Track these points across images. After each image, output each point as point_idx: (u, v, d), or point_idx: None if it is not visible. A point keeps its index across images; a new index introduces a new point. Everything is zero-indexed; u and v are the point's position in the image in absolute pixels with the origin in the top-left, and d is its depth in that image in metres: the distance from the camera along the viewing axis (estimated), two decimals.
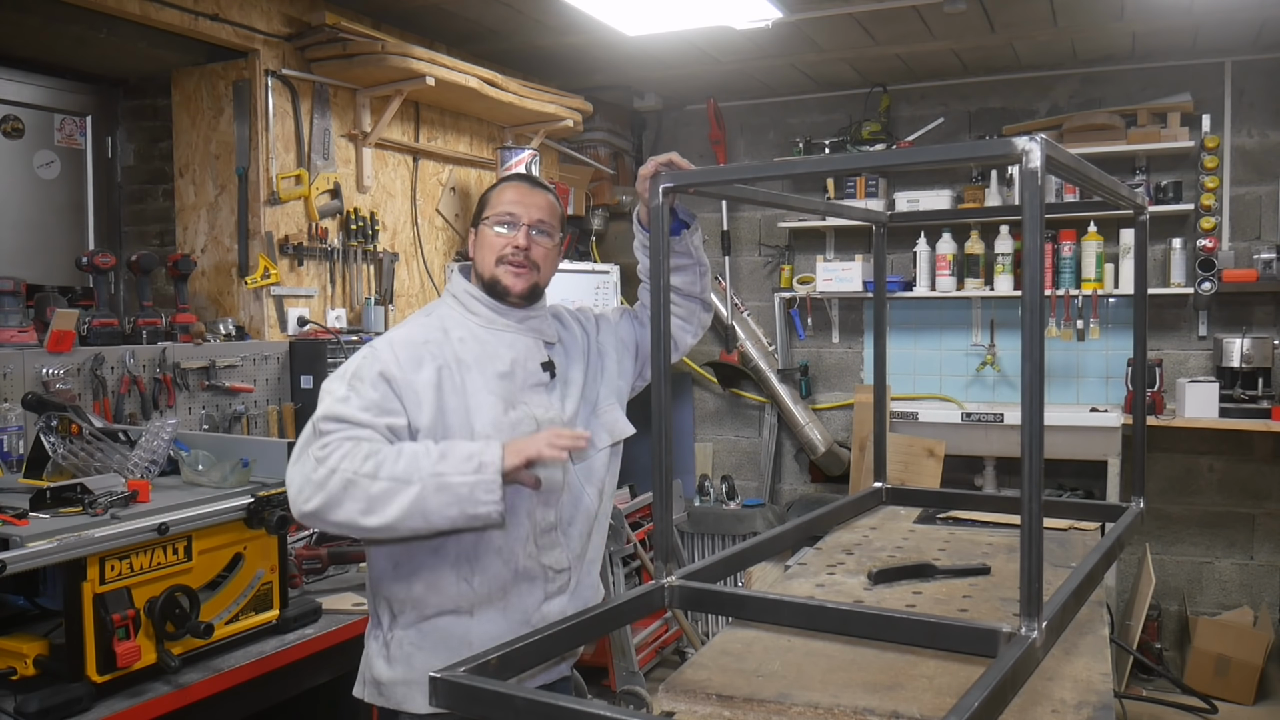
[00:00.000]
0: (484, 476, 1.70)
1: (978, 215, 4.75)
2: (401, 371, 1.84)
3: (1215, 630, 4.73)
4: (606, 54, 4.69)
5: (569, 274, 4.79)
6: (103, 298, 3.05)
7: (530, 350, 2.00)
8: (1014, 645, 1.36)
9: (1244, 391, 4.61)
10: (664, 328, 1.73)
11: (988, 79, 5.19)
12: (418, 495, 1.69)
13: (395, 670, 1.90)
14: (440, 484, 1.69)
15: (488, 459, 1.71)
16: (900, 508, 2.63)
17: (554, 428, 1.89)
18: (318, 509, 1.72)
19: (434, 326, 1.95)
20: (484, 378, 1.92)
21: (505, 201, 1.99)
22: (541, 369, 2.00)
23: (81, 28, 3.21)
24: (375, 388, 1.81)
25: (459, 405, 1.87)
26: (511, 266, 1.96)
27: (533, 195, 2.01)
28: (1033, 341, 1.35)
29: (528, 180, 2.07)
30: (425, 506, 1.70)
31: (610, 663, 4.32)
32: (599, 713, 1.21)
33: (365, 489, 1.69)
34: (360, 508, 1.70)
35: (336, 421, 1.77)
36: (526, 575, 1.93)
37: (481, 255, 2.00)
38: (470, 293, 2.00)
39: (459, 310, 2.00)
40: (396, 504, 1.69)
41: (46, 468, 2.32)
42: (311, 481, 1.72)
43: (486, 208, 2.01)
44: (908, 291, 5.16)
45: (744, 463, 5.81)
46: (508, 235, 1.97)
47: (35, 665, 2.02)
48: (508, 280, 1.97)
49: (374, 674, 1.94)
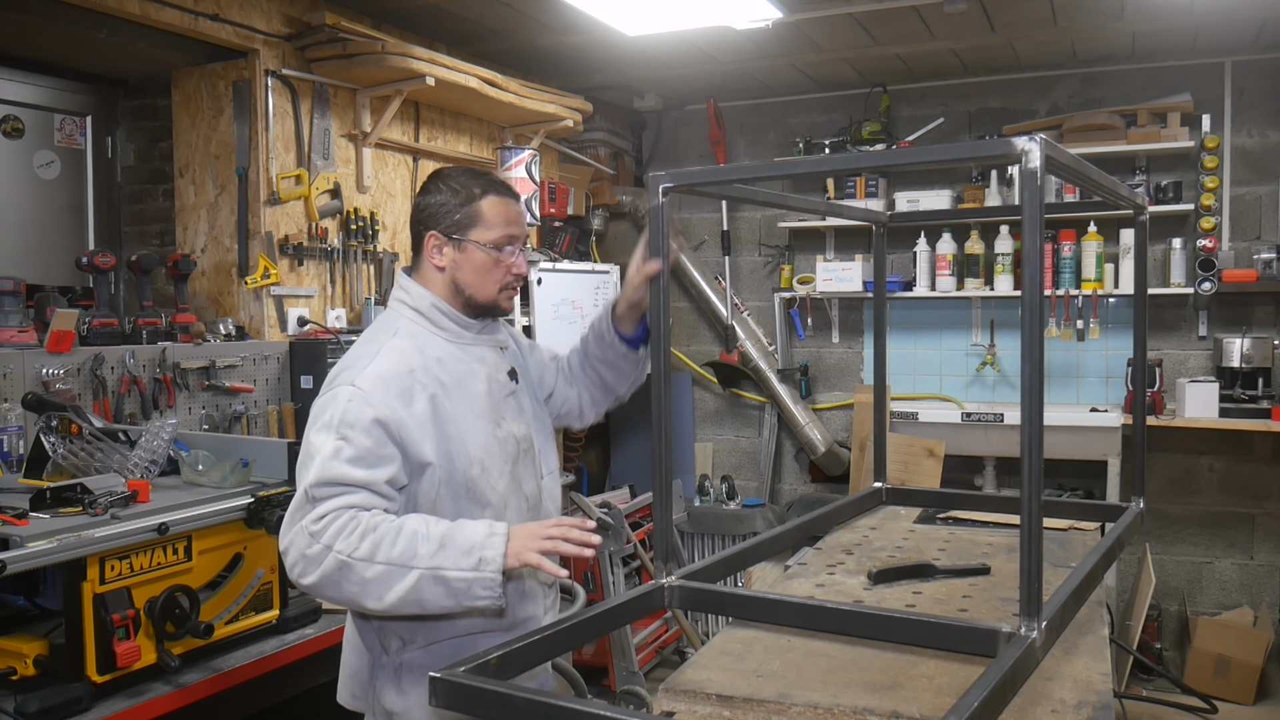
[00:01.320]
0: (483, 574, 1.64)
1: (978, 215, 4.75)
2: (394, 411, 1.74)
3: (1215, 630, 4.72)
4: (606, 54, 4.69)
5: (569, 274, 4.79)
6: (103, 298, 3.05)
7: (497, 361, 1.96)
8: (1014, 645, 1.36)
9: (1244, 391, 4.61)
10: (664, 327, 1.73)
11: (988, 79, 5.19)
12: (414, 585, 1.63)
13: (409, 697, 1.83)
14: (437, 576, 1.63)
15: (489, 555, 1.64)
16: (900, 508, 2.63)
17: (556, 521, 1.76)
18: (313, 585, 1.67)
19: (410, 350, 1.84)
20: (468, 399, 1.86)
21: (503, 222, 1.89)
22: (509, 377, 1.97)
23: (81, 28, 3.21)
24: (369, 434, 1.70)
25: (455, 432, 1.82)
26: (511, 291, 1.93)
27: (519, 210, 1.95)
28: (1033, 341, 1.35)
29: (510, 192, 1.95)
30: (421, 596, 1.64)
31: (610, 663, 4.32)
32: (599, 713, 1.21)
33: (360, 573, 1.63)
34: (356, 590, 1.65)
35: (329, 485, 1.67)
36: (530, 594, 1.94)
37: (479, 279, 1.89)
38: (439, 308, 1.90)
39: (426, 326, 1.89)
40: (394, 591, 1.63)
41: (46, 468, 2.32)
42: (306, 557, 1.66)
43: (479, 225, 1.88)
44: (908, 291, 5.16)
45: (744, 463, 5.81)
46: (511, 260, 1.90)
47: (35, 665, 2.02)
48: (506, 305, 1.94)
49: (385, 705, 1.85)
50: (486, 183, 1.92)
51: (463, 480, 1.83)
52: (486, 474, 1.86)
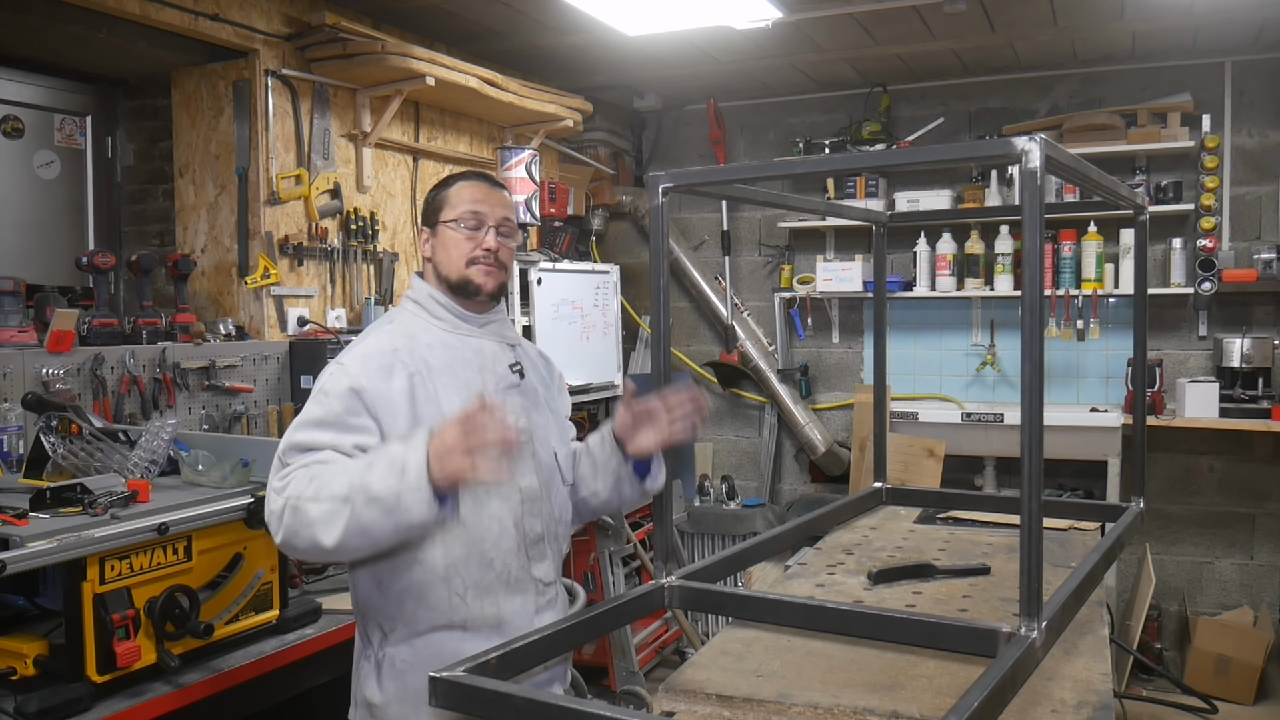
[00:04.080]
0: (407, 481, 1.58)
1: (978, 215, 4.75)
2: (371, 382, 1.77)
3: (1215, 630, 4.72)
4: (606, 54, 4.69)
5: (569, 274, 4.79)
6: (103, 298, 3.05)
7: (496, 353, 1.95)
8: (1014, 645, 1.36)
9: (1244, 391, 4.61)
10: (665, 326, 1.73)
11: (988, 79, 5.19)
12: (353, 513, 1.60)
13: (388, 691, 1.83)
14: (369, 497, 1.60)
15: (411, 460, 1.59)
16: (900, 508, 2.63)
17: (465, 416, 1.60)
18: (283, 542, 1.69)
19: (399, 334, 1.88)
20: (455, 384, 1.86)
21: (467, 200, 1.91)
22: (510, 370, 1.96)
23: (81, 28, 3.21)
24: (342, 401, 1.75)
25: (434, 413, 1.80)
26: (483, 266, 1.91)
27: (495, 194, 1.95)
28: (1033, 341, 1.36)
29: (485, 179, 1.98)
30: (361, 522, 1.61)
31: (610, 663, 4.32)
32: (599, 713, 1.21)
33: (309, 513, 1.63)
34: (310, 534, 1.63)
35: (295, 450, 1.73)
36: (519, 588, 1.87)
37: (447, 257, 1.91)
38: (434, 297, 1.93)
39: (423, 316, 1.93)
40: (338, 523, 1.61)
41: (46, 468, 2.32)
42: (273, 514, 1.69)
43: (446, 208, 1.92)
44: (908, 291, 5.16)
45: (744, 463, 5.81)
46: (477, 236, 1.90)
47: (35, 665, 2.02)
48: (479, 279, 1.91)
49: (365, 696, 1.86)
50: (463, 174, 1.99)
51: None
52: None
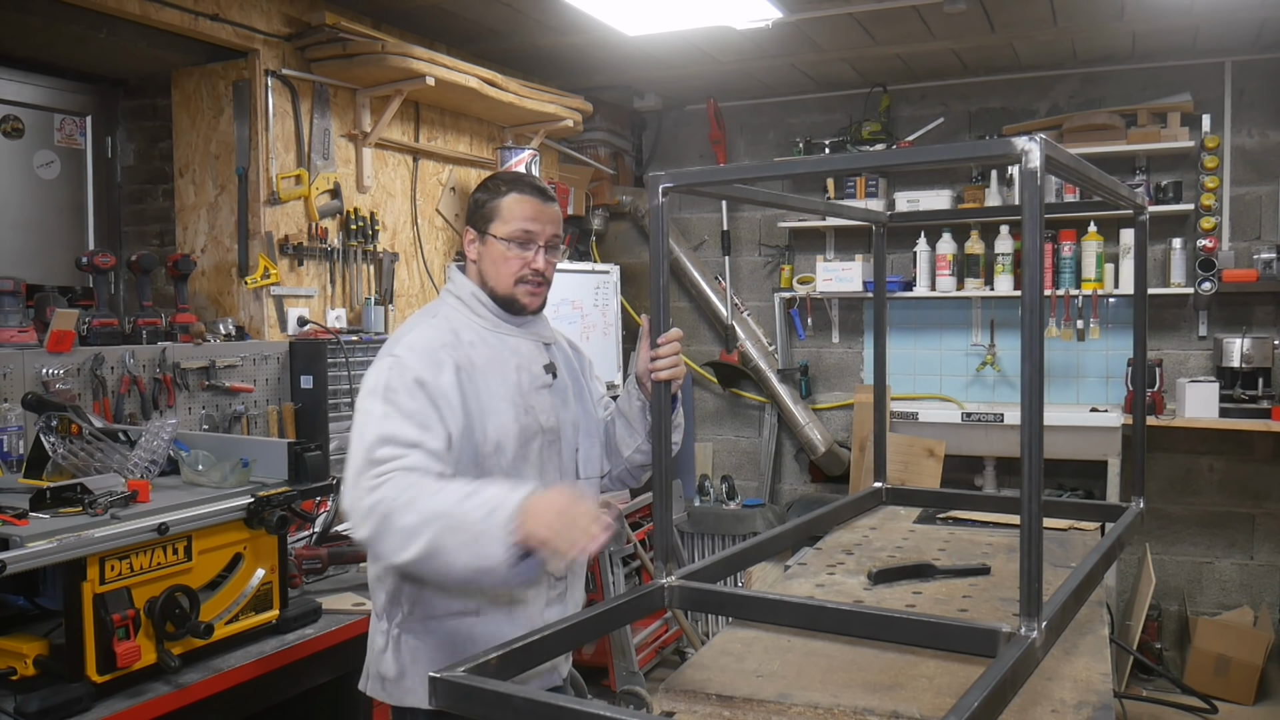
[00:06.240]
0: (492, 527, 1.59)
1: (978, 215, 4.75)
2: (431, 375, 1.82)
3: (1215, 630, 4.72)
4: (606, 54, 4.69)
5: (569, 274, 4.79)
6: (103, 298, 3.05)
7: (533, 353, 2.01)
8: (1014, 645, 1.36)
9: (1244, 391, 4.61)
10: (664, 326, 1.73)
11: (988, 79, 5.19)
12: (437, 532, 1.63)
13: (402, 666, 1.91)
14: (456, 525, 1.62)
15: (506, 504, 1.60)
16: (900, 508, 2.63)
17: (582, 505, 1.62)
18: (367, 539, 1.72)
19: (444, 329, 1.93)
20: (494, 382, 1.92)
21: (519, 217, 1.95)
22: (544, 370, 2.02)
23: (81, 28, 3.21)
24: (413, 397, 1.79)
25: (475, 409, 1.87)
26: (530, 287, 1.97)
27: (546, 210, 1.98)
28: (1033, 341, 1.36)
29: (539, 192, 2.00)
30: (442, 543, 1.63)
31: (610, 663, 4.32)
32: (599, 713, 1.21)
33: (397, 522, 1.66)
34: (395, 541, 1.67)
35: (386, 444, 1.74)
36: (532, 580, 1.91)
37: (495, 270, 1.97)
38: (477, 296, 1.99)
39: (465, 312, 1.99)
40: (421, 538, 1.64)
41: (46, 468, 2.32)
42: (359, 510, 1.71)
43: (497, 219, 1.96)
44: (908, 291, 5.16)
45: (744, 463, 5.81)
46: (526, 256, 1.95)
47: (35, 665, 2.02)
48: (525, 299, 1.98)
49: (380, 669, 1.94)
50: (516, 182, 2.01)
51: (473, 457, 1.87)
52: (500, 455, 1.90)
